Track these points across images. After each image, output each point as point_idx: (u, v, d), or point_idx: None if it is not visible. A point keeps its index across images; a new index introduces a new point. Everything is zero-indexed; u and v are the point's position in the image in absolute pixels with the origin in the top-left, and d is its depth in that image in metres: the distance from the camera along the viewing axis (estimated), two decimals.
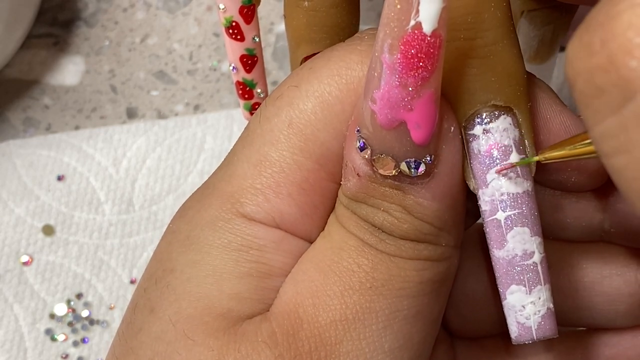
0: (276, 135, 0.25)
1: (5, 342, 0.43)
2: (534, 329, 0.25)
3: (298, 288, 0.24)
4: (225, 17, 0.31)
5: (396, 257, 0.24)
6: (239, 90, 0.33)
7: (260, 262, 0.25)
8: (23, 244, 0.44)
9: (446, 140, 0.23)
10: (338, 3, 0.29)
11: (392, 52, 0.21)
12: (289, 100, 0.25)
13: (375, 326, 0.24)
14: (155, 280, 0.25)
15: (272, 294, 0.25)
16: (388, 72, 0.21)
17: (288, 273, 0.25)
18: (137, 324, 0.25)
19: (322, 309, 0.23)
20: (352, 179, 0.24)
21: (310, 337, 0.23)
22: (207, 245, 0.25)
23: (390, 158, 0.22)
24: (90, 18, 0.50)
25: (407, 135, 0.22)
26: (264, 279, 0.25)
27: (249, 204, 0.25)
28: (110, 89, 0.49)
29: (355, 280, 0.24)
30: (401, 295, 0.24)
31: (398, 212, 0.23)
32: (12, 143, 0.46)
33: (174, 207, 0.45)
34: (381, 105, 0.22)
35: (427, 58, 0.21)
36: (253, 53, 0.32)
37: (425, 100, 0.21)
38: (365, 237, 0.24)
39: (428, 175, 0.23)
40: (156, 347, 0.24)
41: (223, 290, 0.24)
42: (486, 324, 0.31)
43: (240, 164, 0.25)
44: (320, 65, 0.25)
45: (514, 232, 0.24)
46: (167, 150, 0.46)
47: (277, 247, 0.25)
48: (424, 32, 0.20)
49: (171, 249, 0.25)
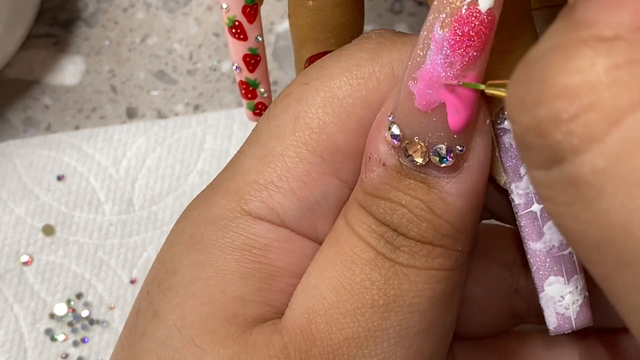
0: (282, 130, 0.25)
1: (5, 342, 0.43)
2: (573, 319, 0.25)
3: (310, 304, 0.24)
4: (228, 16, 0.31)
5: (408, 268, 0.23)
6: (242, 90, 0.33)
7: (263, 262, 0.24)
8: (23, 244, 0.44)
9: (480, 132, 0.23)
10: (343, 2, 0.29)
11: (444, 28, 0.21)
12: (297, 97, 0.25)
13: (386, 343, 0.23)
14: (157, 282, 0.25)
15: (276, 295, 0.25)
16: (435, 49, 0.21)
17: (292, 273, 0.25)
18: (140, 329, 0.24)
19: (335, 327, 0.23)
20: (376, 170, 0.23)
21: (324, 353, 0.23)
22: (209, 245, 0.24)
23: (421, 144, 0.22)
24: (90, 18, 0.50)
25: (444, 119, 0.22)
26: (267, 280, 0.24)
27: (252, 200, 0.24)
28: (110, 89, 0.49)
29: (367, 297, 0.23)
30: (412, 312, 0.23)
31: (419, 208, 0.23)
32: (12, 143, 0.46)
33: (174, 207, 0.45)
34: (422, 84, 0.21)
35: (478, 37, 0.21)
36: (256, 52, 0.32)
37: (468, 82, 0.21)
38: (378, 245, 0.23)
39: (456, 168, 0.23)
40: (162, 354, 0.23)
41: (227, 293, 0.24)
42: (485, 325, 0.31)
43: (246, 160, 0.25)
44: (330, 63, 0.25)
45: (550, 224, 0.24)
46: (167, 150, 0.46)
47: (281, 247, 0.25)
48: (479, 9, 0.21)
49: (174, 250, 0.25)
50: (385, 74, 0.24)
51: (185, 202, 0.45)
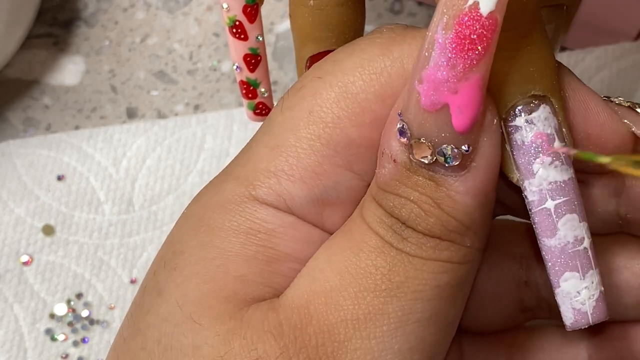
0: (296, 122, 0.25)
1: (5, 342, 0.43)
2: (589, 314, 0.25)
3: (313, 286, 0.24)
4: (228, 16, 0.31)
5: (415, 258, 0.24)
6: (243, 90, 0.33)
7: (268, 247, 0.25)
8: (23, 244, 0.44)
9: (488, 132, 0.23)
10: (343, 2, 0.29)
11: (446, 30, 0.21)
12: (312, 91, 0.25)
13: (386, 327, 0.24)
14: (164, 262, 0.25)
15: (278, 277, 0.25)
16: (438, 51, 0.21)
17: (295, 259, 0.25)
18: (145, 306, 0.25)
19: (334, 308, 0.24)
20: (387, 166, 0.24)
21: (319, 332, 0.23)
22: (216, 227, 0.25)
23: (427, 144, 0.22)
24: (90, 18, 0.50)
25: (448, 120, 0.22)
26: (270, 263, 0.25)
27: (261, 186, 0.25)
28: (110, 89, 0.49)
29: (370, 282, 0.24)
30: (415, 298, 0.24)
31: (427, 204, 0.23)
32: (12, 143, 0.46)
33: (174, 207, 0.45)
34: (427, 85, 0.22)
35: (480, 40, 0.21)
36: (257, 52, 0.32)
37: (471, 85, 0.21)
38: (386, 235, 0.24)
39: (464, 167, 0.23)
40: (163, 329, 0.24)
41: (229, 272, 0.24)
42: (495, 319, 0.31)
43: (258, 149, 0.25)
44: (343, 57, 0.25)
45: (564, 220, 0.24)
46: (167, 150, 0.46)
47: (286, 232, 0.25)
48: (480, 12, 0.21)
49: (182, 232, 0.26)
50: (396, 69, 0.24)
51: (186, 202, 0.45)
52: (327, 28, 0.29)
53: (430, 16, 0.49)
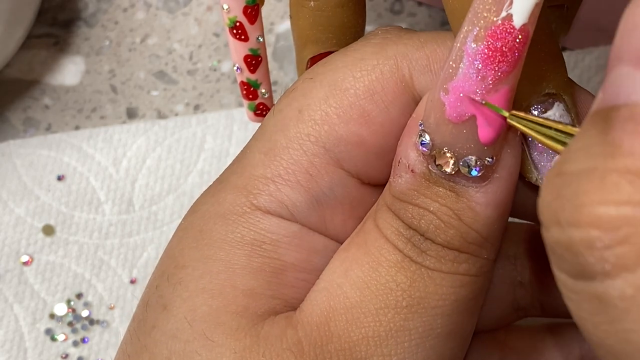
0: (286, 123, 0.25)
1: (5, 342, 0.43)
2: None
3: (332, 302, 0.24)
4: (229, 17, 0.31)
5: (434, 272, 0.23)
6: (243, 91, 0.33)
7: (273, 258, 0.25)
8: (23, 244, 0.44)
9: (511, 144, 0.23)
10: (344, 3, 0.29)
11: (478, 42, 0.21)
12: (302, 91, 0.25)
13: (407, 344, 0.23)
14: (167, 277, 0.25)
15: (285, 289, 0.25)
16: (468, 63, 0.21)
17: (301, 268, 0.25)
18: (149, 322, 0.24)
19: (355, 326, 0.23)
20: (404, 175, 0.23)
21: (340, 350, 0.23)
22: (219, 240, 0.25)
23: (450, 154, 0.22)
24: (90, 18, 0.50)
25: (474, 131, 0.22)
26: (277, 275, 0.24)
27: (261, 194, 0.25)
28: (110, 89, 0.49)
29: (391, 298, 0.23)
30: (436, 314, 0.23)
31: (447, 215, 0.23)
32: (12, 143, 0.46)
33: (174, 207, 0.45)
34: (454, 96, 0.21)
35: (511, 52, 0.21)
36: (257, 53, 0.32)
37: (500, 97, 0.21)
38: (405, 248, 0.23)
39: (486, 178, 0.23)
40: (172, 346, 0.24)
41: (237, 287, 0.24)
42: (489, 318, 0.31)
43: (252, 155, 0.25)
44: (336, 58, 0.25)
45: None
46: (167, 150, 0.46)
47: (291, 242, 0.25)
48: (513, 24, 0.20)
49: (183, 244, 0.25)
50: (389, 66, 0.24)
51: (185, 202, 0.45)
52: (328, 29, 0.29)
53: (430, 16, 0.49)
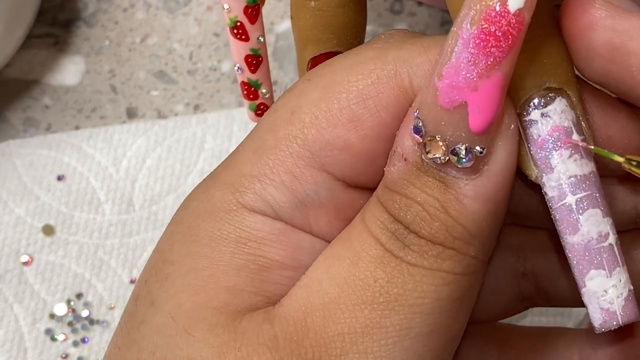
0: (278, 123, 0.25)
1: (5, 342, 0.43)
2: (619, 313, 0.23)
3: (311, 298, 0.24)
4: (229, 17, 0.31)
5: (415, 268, 0.23)
6: (244, 91, 0.33)
7: (258, 255, 0.24)
8: (23, 244, 0.44)
9: (504, 137, 0.23)
10: (345, 3, 0.29)
11: (472, 25, 0.21)
12: (298, 92, 0.25)
13: (384, 342, 0.23)
14: (155, 272, 0.25)
15: (270, 286, 0.25)
16: (461, 46, 0.21)
17: (286, 266, 0.25)
18: (139, 316, 0.25)
19: (332, 321, 0.23)
20: (397, 164, 0.23)
21: (315, 346, 0.23)
22: (206, 236, 0.25)
23: (442, 142, 0.22)
24: (90, 18, 0.50)
25: (465, 119, 0.22)
26: (261, 272, 0.24)
27: (247, 192, 0.25)
28: (110, 89, 0.49)
29: (369, 294, 0.23)
30: (414, 312, 0.23)
31: (433, 207, 0.23)
32: (12, 143, 0.46)
33: (174, 207, 0.45)
34: (446, 81, 0.21)
35: (504, 37, 0.21)
36: (258, 53, 0.32)
37: (491, 83, 0.21)
38: (388, 242, 0.23)
39: (476, 171, 0.23)
40: (157, 341, 0.24)
41: (220, 283, 0.24)
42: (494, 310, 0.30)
43: (243, 152, 0.25)
44: (336, 61, 0.25)
45: (587, 215, 0.23)
46: (167, 150, 0.46)
47: (276, 240, 0.25)
48: (507, 8, 0.20)
49: (172, 240, 0.25)
50: (386, 71, 0.24)
51: None
52: (329, 29, 0.29)
53: (430, 16, 0.49)
